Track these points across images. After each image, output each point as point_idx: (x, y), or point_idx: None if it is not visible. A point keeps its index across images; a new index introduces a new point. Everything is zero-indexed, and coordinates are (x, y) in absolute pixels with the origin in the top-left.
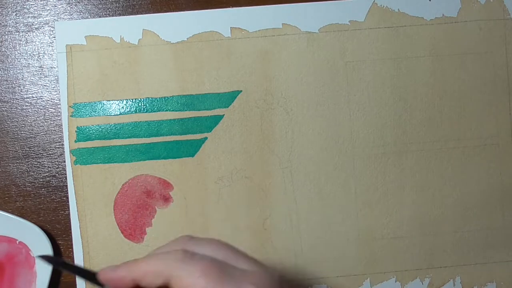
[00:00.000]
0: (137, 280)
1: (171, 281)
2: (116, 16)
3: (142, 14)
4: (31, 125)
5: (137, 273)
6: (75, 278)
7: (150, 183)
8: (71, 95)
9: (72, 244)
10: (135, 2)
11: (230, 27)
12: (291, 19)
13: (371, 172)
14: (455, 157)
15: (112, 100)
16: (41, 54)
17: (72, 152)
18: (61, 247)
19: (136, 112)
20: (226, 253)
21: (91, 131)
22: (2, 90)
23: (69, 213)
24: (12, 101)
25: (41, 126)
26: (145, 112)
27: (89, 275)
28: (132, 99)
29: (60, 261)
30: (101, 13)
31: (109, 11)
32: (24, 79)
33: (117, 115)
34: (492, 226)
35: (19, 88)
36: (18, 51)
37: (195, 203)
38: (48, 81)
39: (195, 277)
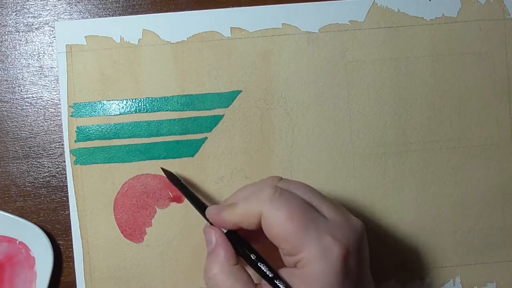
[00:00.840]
0: (238, 224)
1: (262, 218)
2: (116, 16)
3: (142, 14)
4: (31, 125)
5: (236, 218)
6: (75, 278)
7: (150, 183)
8: (71, 95)
9: (72, 244)
10: (135, 2)
11: (230, 27)
12: (291, 19)
13: (371, 172)
14: (455, 157)
15: (112, 100)
16: (41, 54)
17: (72, 152)
18: (61, 247)
19: (136, 112)
20: (313, 195)
21: (91, 131)
22: (2, 90)
23: (69, 213)
24: (12, 101)
25: (41, 126)
26: (145, 112)
27: (200, 208)
28: (132, 99)
29: (180, 182)
30: (101, 13)
31: (109, 11)
32: (24, 79)
33: (117, 115)
34: (492, 226)
35: (19, 88)
36: (18, 51)
37: None
38: (48, 81)
39: (282, 219)
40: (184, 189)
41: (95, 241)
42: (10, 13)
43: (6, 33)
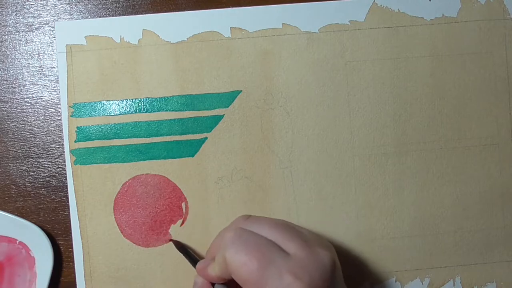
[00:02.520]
0: (222, 277)
1: (227, 264)
2: (116, 16)
3: (142, 14)
4: (31, 125)
5: (218, 273)
6: (75, 278)
7: (150, 183)
8: (71, 95)
9: (72, 244)
10: (135, 2)
11: (230, 27)
12: (291, 19)
13: (371, 172)
14: (455, 157)
15: (112, 100)
16: (41, 54)
17: (72, 152)
18: (61, 247)
19: (136, 112)
20: (277, 232)
21: (91, 131)
22: (2, 90)
23: (69, 213)
24: (12, 101)
25: (41, 126)
26: (145, 112)
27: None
28: (132, 99)
29: (184, 249)
30: (101, 13)
31: (109, 11)
32: (24, 79)
33: (117, 115)
34: (492, 226)
35: (19, 88)
36: (18, 51)
37: (195, 203)
38: (48, 81)
39: (241, 262)
40: (187, 254)
41: (95, 241)
42: (10, 13)
43: (6, 33)
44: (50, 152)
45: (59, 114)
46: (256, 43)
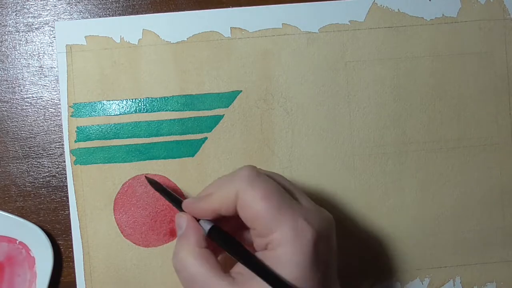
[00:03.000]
0: (217, 210)
1: (237, 199)
2: (116, 16)
3: (142, 14)
4: (31, 125)
5: (215, 204)
6: (75, 278)
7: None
8: (71, 95)
9: (72, 244)
10: (135, 2)
11: (230, 27)
12: (291, 19)
13: (371, 172)
14: (455, 157)
15: (112, 100)
16: (41, 54)
17: (72, 152)
18: (61, 247)
19: (136, 112)
20: (289, 184)
21: (91, 131)
22: (2, 90)
23: (69, 213)
24: (12, 101)
25: (41, 126)
26: (145, 112)
27: (177, 203)
28: (132, 99)
29: (159, 187)
30: (101, 13)
31: (109, 11)
32: (24, 79)
33: (117, 115)
34: (492, 226)
35: (19, 88)
36: (18, 51)
37: None
38: (48, 81)
39: (257, 197)
40: (166, 193)
41: (95, 241)
42: (10, 13)
43: (6, 33)
44: (50, 152)
45: (59, 114)
46: (256, 43)
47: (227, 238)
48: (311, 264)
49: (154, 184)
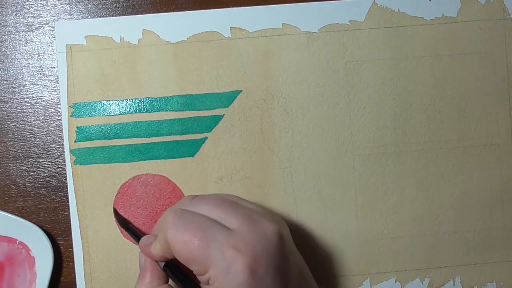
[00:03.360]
0: (164, 256)
1: (170, 245)
2: (116, 16)
3: (142, 14)
4: (31, 125)
5: (160, 252)
6: (75, 278)
7: (150, 183)
8: (71, 95)
9: (72, 244)
10: (135, 2)
11: (230, 27)
12: (291, 19)
13: (371, 172)
14: (455, 157)
15: (112, 100)
16: (41, 54)
17: (72, 152)
18: (61, 247)
19: (136, 112)
20: (218, 208)
21: (91, 131)
22: (2, 90)
23: (69, 213)
24: (12, 101)
25: (41, 126)
26: (145, 112)
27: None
28: (132, 99)
29: (125, 223)
30: (101, 13)
31: (109, 11)
32: (24, 79)
33: (117, 115)
34: (492, 226)
35: (19, 88)
36: (18, 51)
37: None
38: (48, 81)
39: (182, 242)
40: (128, 228)
41: (95, 241)
42: (10, 13)
43: (6, 33)
44: (50, 152)
45: (59, 114)
46: (256, 43)
47: (178, 274)
48: None
49: (120, 220)
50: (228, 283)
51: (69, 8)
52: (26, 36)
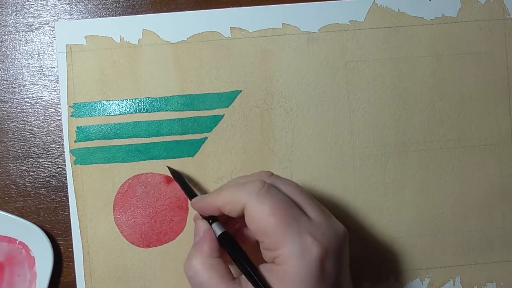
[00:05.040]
0: (220, 208)
1: (245, 210)
2: (116, 16)
3: (142, 14)
4: (31, 125)
5: (219, 202)
6: (75, 278)
7: (150, 183)
8: (71, 95)
9: (72, 244)
10: (135, 2)
11: (230, 27)
12: (291, 19)
13: (371, 172)
14: (455, 157)
15: (112, 100)
16: (41, 54)
17: (72, 152)
18: (61, 247)
19: (136, 112)
20: (299, 195)
21: (91, 131)
22: (2, 90)
23: (69, 213)
24: (12, 101)
25: (41, 126)
26: (145, 112)
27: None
28: (132, 99)
29: (180, 177)
30: (101, 13)
31: (109, 11)
32: (24, 79)
33: (117, 115)
34: (492, 226)
35: (19, 88)
36: (18, 51)
37: None
38: (48, 81)
39: (264, 213)
40: (184, 184)
41: (95, 241)
42: (10, 13)
43: (6, 33)
44: (50, 152)
45: (59, 114)
46: (256, 43)
47: (234, 248)
48: (317, 280)
49: (174, 173)
50: (299, 268)
51: (69, 8)
52: (26, 36)
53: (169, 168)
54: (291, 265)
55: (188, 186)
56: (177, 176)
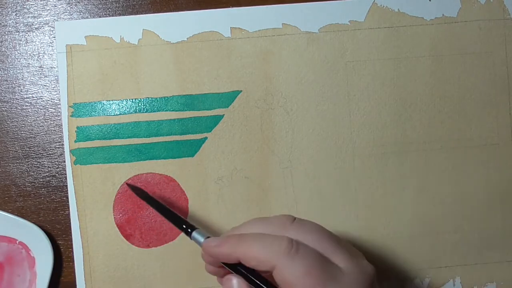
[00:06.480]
0: (241, 260)
1: (274, 271)
2: (116, 16)
3: (142, 14)
4: (31, 125)
5: (240, 255)
6: (75, 278)
7: (150, 183)
8: (71, 95)
9: (72, 244)
10: (135, 2)
11: (230, 27)
12: (291, 19)
13: (371, 172)
14: (455, 157)
15: (112, 100)
16: (41, 54)
17: (72, 152)
18: (61, 247)
19: (136, 112)
20: (326, 245)
21: (91, 131)
22: (2, 90)
23: (69, 213)
24: (12, 101)
25: (41, 126)
26: (145, 112)
27: (185, 228)
28: (132, 99)
29: (160, 205)
30: (101, 13)
31: (109, 11)
32: (24, 79)
33: (117, 115)
34: (492, 226)
35: (19, 88)
36: (18, 51)
37: (195, 203)
38: (48, 81)
39: (299, 275)
40: (159, 206)
41: (95, 241)
42: (10, 13)
43: (6, 33)
44: (50, 152)
45: (59, 114)
46: (256, 43)
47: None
48: None
49: (144, 195)
50: None
51: (69, 8)
52: (26, 36)
53: (129, 185)
54: None
55: (166, 208)
56: (145, 196)
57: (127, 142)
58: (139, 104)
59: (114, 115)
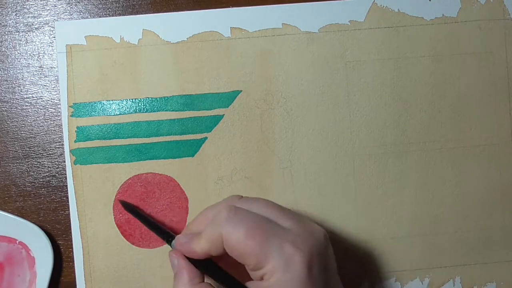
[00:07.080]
0: (208, 253)
1: (224, 244)
2: (116, 16)
3: (142, 14)
4: (31, 125)
5: (205, 247)
6: (75, 278)
7: (150, 183)
8: (71, 95)
9: (72, 244)
10: (135, 2)
11: (230, 27)
12: (291, 19)
13: (371, 172)
14: (455, 157)
15: (112, 100)
16: (41, 54)
17: (72, 152)
18: (61, 247)
19: (136, 112)
20: (271, 209)
21: (91, 131)
22: (2, 90)
23: (69, 213)
24: (12, 101)
25: (41, 126)
26: (145, 112)
27: (165, 237)
28: (132, 99)
29: (142, 215)
30: (101, 13)
31: (109, 11)
32: (24, 79)
33: (117, 115)
34: (492, 226)
35: (19, 88)
36: (18, 51)
37: (195, 203)
38: (48, 81)
39: (240, 237)
40: (144, 219)
41: (95, 241)
42: (10, 13)
43: (6, 33)
44: (50, 152)
45: (59, 114)
46: (256, 43)
47: (214, 268)
48: (307, 287)
49: (132, 209)
50: (287, 279)
51: (69, 8)
52: (26, 36)
53: (122, 202)
54: (279, 278)
55: (153, 222)
56: (134, 211)
57: (127, 142)
58: (139, 104)
59: (114, 115)
